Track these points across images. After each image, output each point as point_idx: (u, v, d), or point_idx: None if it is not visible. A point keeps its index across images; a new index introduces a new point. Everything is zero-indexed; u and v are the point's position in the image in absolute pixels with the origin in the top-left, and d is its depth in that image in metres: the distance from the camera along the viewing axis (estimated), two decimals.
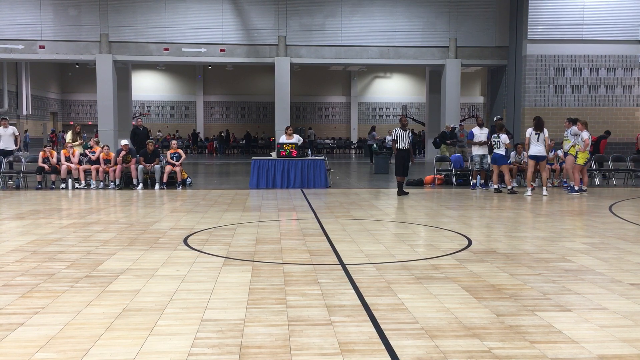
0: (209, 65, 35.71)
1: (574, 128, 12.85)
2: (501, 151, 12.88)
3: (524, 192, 12.59)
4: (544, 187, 12.62)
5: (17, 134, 15.19)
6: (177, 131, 39.38)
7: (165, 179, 13.94)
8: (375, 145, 23.13)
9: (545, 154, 12.59)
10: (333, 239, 7.26)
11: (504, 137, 12.89)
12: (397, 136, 12.33)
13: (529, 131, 12.55)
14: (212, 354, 3.47)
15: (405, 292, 4.78)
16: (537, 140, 12.43)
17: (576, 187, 12.73)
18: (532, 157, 12.57)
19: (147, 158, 14.04)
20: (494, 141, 12.98)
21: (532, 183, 12.70)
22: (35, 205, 10.78)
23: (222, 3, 22.54)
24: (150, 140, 14.58)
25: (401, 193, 12.33)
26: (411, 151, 12.51)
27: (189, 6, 22.47)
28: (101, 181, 14.04)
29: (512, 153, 14.09)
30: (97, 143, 14.90)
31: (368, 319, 4.10)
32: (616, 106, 22.16)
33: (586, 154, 12.74)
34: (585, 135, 12.60)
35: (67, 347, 3.57)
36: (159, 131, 38.46)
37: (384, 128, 36.55)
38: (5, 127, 14.82)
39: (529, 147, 12.54)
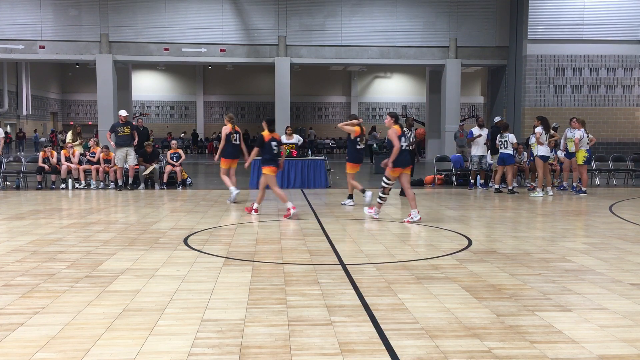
0: (209, 65, 35.68)
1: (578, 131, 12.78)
2: (509, 151, 12.81)
3: (537, 193, 12.34)
4: (548, 188, 12.63)
5: (2, 136, 14.94)
6: (184, 132, 39.14)
7: (165, 179, 13.94)
8: (375, 145, 23.11)
9: (549, 155, 12.60)
10: (333, 239, 7.26)
11: (512, 137, 12.82)
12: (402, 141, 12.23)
13: (540, 130, 12.31)
14: (212, 354, 3.47)
15: (406, 292, 4.77)
16: (545, 141, 12.37)
17: (584, 188, 12.74)
18: (543, 157, 12.40)
19: (147, 158, 14.04)
20: (501, 141, 12.86)
21: (542, 183, 12.60)
22: (36, 205, 10.77)
23: (222, 3, 22.53)
24: (148, 143, 14.52)
25: (403, 194, 12.30)
26: (415, 151, 12.45)
27: (189, 6, 22.45)
28: (101, 181, 14.04)
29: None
30: (97, 143, 14.90)
31: (368, 319, 4.10)
32: (616, 106, 22.14)
33: (585, 152, 12.76)
34: (582, 133, 12.65)
35: (68, 347, 3.57)
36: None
37: (384, 128, 36.45)
38: None
39: (540, 145, 12.37)
